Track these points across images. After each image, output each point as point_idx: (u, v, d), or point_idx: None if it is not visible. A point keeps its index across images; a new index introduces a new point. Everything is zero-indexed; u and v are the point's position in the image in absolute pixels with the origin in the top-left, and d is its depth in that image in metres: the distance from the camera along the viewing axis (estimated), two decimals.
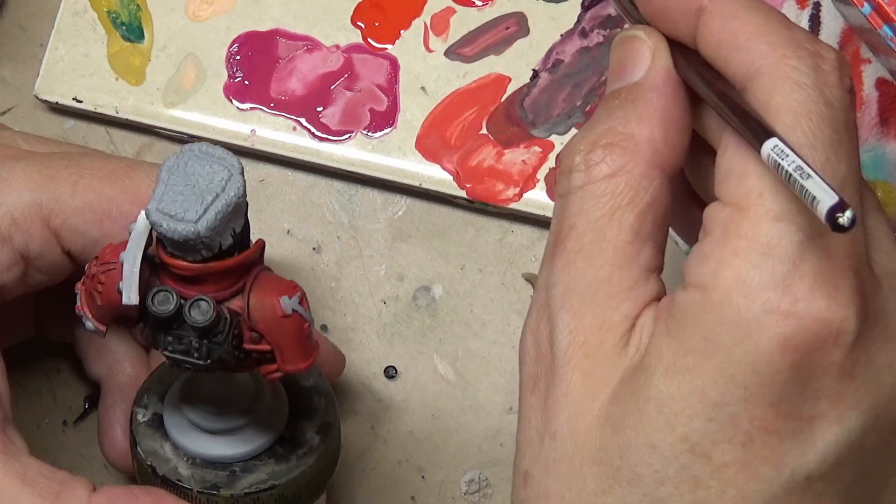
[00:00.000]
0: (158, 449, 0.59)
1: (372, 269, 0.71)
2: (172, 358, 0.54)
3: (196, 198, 0.53)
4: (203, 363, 0.54)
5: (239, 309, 0.54)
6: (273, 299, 0.54)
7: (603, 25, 0.71)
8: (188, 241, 0.52)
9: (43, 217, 0.60)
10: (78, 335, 0.67)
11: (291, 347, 0.55)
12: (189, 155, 0.54)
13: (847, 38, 0.69)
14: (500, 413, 0.69)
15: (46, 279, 0.62)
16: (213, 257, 0.53)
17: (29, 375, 0.71)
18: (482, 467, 0.69)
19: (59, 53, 0.73)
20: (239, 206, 0.53)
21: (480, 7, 0.72)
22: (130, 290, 0.53)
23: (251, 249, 0.55)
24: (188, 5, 0.73)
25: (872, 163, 0.68)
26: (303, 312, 0.55)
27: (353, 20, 0.72)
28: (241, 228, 0.54)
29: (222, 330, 0.53)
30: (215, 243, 0.53)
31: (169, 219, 0.52)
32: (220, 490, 0.58)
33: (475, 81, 0.71)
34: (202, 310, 0.53)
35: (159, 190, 0.53)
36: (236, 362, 0.55)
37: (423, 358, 0.70)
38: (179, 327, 0.54)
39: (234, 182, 0.53)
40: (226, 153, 0.54)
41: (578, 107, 0.70)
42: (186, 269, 0.53)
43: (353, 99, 0.71)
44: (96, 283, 0.55)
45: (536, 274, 0.70)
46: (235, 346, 0.54)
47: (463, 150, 0.70)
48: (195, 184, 0.53)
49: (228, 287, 0.54)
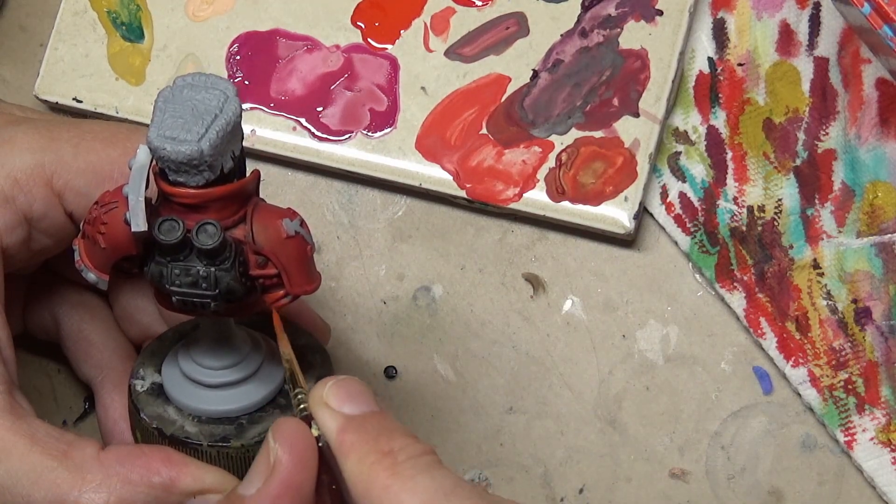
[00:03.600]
0: (162, 412, 0.60)
1: (372, 269, 0.71)
2: (181, 294, 0.55)
3: (195, 119, 0.53)
4: (212, 293, 0.54)
5: (242, 237, 0.55)
6: (276, 222, 0.55)
7: (603, 25, 0.71)
8: (192, 160, 0.53)
9: (45, 178, 0.61)
10: (64, 336, 0.67)
11: (297, 269, 0.56)
12: (182, 84, 0.54)
13: (847, 38, 0.69)
14: (500, 413, 0.70)
15: (50, 243, 0.62)
16: (215, 181, 0.54)
17: (29, 375, 0.71)
18: (482, 467, 0.69)
19: (59, 53, 0.73)
20: (237, 126, 0.54)
21: (480, 7, 0.72)
22: (138, 218, 0.54)
23: (250, 176, 0.55)
24: (188, 5, 0.73)
25: (872, 163, 0.68)
26: (305, 234, 0.56)
27: (353, 20, 0.72)
28: (240, 153, 0.55)
29: (229, 256, 0.54)
30: (217, 164, 0.54)
31: (171, 141, 0.53)
32: (231, 441, 0.58)
33: (475, 81, 0.71)
34: (209, 233, 0.54)
35: (157, 118, 0.53)
36: (244, 291, 0.55)
37: (423, 358, 0.70)
38: (186, 258, 0.54)
39: (231, 103, 0.54)
40: (219, 79, 0.54)
41: (578, 107, 0.70)
42: (189, 195, 0.54)
43: (353, 99, 0.71)
44: (98, 226, 0.55)
45: (537, 274, 0.70)
46: (242, 273, 0.55)
47: (463, 150, 0.70)
48: (193, 108, 0.53)
49: (230, 216, 0.55)
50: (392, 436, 0.53)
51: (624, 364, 0.69)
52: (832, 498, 0.67)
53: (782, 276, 0.68)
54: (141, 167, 0.54)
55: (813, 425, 0.68)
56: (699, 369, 0.69)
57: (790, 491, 0.67)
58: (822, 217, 0.68)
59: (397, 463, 0.51)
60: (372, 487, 0.51)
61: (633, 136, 0.69)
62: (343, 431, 0.53)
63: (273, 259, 0.55)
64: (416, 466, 0.51)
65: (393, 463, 0.51)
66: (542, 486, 0.69)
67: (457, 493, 0.51)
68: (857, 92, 0.69)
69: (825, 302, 0.68)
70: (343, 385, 0.55)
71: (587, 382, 0.69)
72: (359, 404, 0.54)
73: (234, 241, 0.55)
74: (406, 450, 0.52)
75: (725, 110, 0.70)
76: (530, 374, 0.70)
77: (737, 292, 0.68)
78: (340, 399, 0.54)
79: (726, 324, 0.69)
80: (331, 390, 0.54)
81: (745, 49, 0.70)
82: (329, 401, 0.54)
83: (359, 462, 0.52)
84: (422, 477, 0.51)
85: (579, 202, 0.69)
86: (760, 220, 0.69)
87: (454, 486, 0.51)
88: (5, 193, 0.60)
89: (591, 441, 0.69)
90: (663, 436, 0.68)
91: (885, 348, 0.67)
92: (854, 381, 0.67)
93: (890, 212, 0.68)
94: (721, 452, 0.68)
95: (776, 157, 0.69)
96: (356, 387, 0.55)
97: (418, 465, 0.52)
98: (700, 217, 0.69)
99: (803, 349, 0.68)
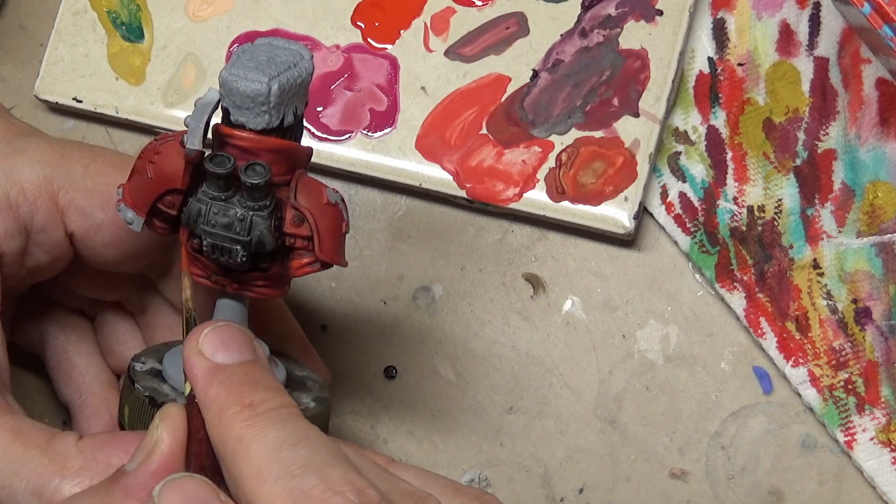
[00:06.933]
0: (157, 387, 0.60)
1: (372, 269, 0.71)
2: (213, 237, 0.56)
3: (269, 65, 0.55)
4: (244, 239, 0.55)
5: (285, 197, 0.56)
6: (320, 188, 0.57)
7: (603, 25, 0.71)
8: (259, 96, 0.55)
9: (51, 192, 0.61)
10: (48, 355, 0.67)
11: (329, 236, 0.57)
12: (262, 42, 0.57)
13: (847, 38, 0.69)
14: (500, 413, 0.69)
15: (45, 261, 0.62)
16: (273, 131, 0.56)
17: (29, 375, 0.71)
18: (482, 467, 0.69)
19: (59, 53, 0.73)
20: (306, 85, 0.56)
21: (480, 7, 0.72)
22: (195, 138, 0.56)
23: (304, 147, 0.57)
24: (188, 5, 0.73)
25: (872, 163, 0.68)
26: (343, 209, 0.57)
27: (353, 20, 0.72)
28: (301, 116, 0.57)
29: (269, 204, 0.55)
30: (279, 112, 0.55)
31: (241, 77, 0.55)
32: None
33: (475, 81, 0.71)
34: (258, 171, 0.55)
35: (233, 61, 0.56)
36: (273, 246, 0.56)
37: (423, 358, 0.70)
38: (228, 199, 0.56)
39: (306, 62, 0.56)
40: (298, 43, 0.57)
41: (578, 107, 0.70)
42: (246, 138, 0.56)
43: (353, 99, 0.71)
44: (151, 156, 0.57)
45: (537, 274, 0.70)
46: (277, 226, 0.56)
47: (463, 150, 0.70)
48: (269, 58, 0.56)
49: (279, 174, 0.56)
50: (255, 388, 0.53)
51: (624, 364, 0.69)
52: (832, 498, 0.67)
53: (782, 276, 0.68)
54: (206, 103, 0.56)
55: (813, 425, 0.68)
56: (699, 369, 0.69)
57: (790, 491, 0.67)
58: (822, 217, 0.68)
59: (255, 415, 0.52)
60: (228, 439, 0.52)
61: (633, 136, 0.69)
62: (208, 384, 0.54)
63: (309, 218, 0.56)
64: (272, 418, 0.52)
65: (251, 415, 0.52)
66: (542, 486, 0.69)
67: (304, 443, 0.52)
68: (857, 92, 0.69)
69: (825, 302, 0.68)
70: (218, 332, 0.55)
71: (587, 382, 0.69)
72: (232, 353, 0.55)
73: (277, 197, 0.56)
74: (266, 402, 0.53)
75: (725, 110, 0.70)
76: (530, 374, 0.70)
77: (737, 292, 0.68)
78: (214, 347, 0.55)
79: (726, 324, 0.69)
80: (206, 338, 0.55)
81: (745, 49, 0.70)
82: (203, 348, 0.55)
83: (219, 414, 0.53)
84: (274, 427, 0.52)
85: (579, 202, 0.69)
86: (760, 220, 0.69)
87: (304, 437, 0.52)
88: (10, 200, 0.60)
89: (591, 441, 0.69)
90: (663, 436, 0.68)
91: (885, 348, 0.67)
92: (854, 381, 0.67)
93: (890, 212, 0.68)
94: (721, 452, 0.68)
95: (776, 157, 0.69)
96: (232, 334, 0.56)
97: (274, 416, 0.53)
98: (700, 217, 0.69)
99: (803, 349, 0.68)
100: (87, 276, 0.65)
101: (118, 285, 0.66)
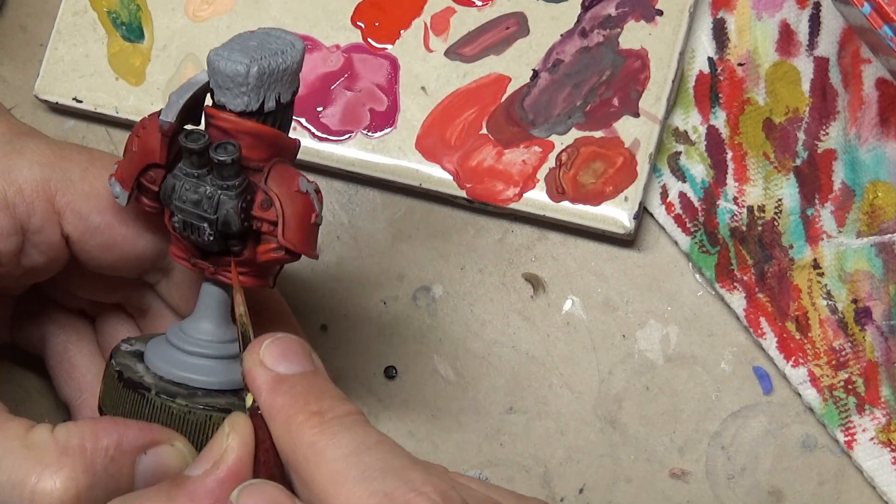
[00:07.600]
0: (131, 365, 0.60)
1: (372, 269, 0.71)
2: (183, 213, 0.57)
3: (254, 50, 0.56)
4: (210, 217, 0.56)
5: (258, 181, 0.57)
6: (293, 176, 0.58)
7: (603, 25, 0.71)
8: (237, 77, 0.56)
9: (49, 194, 0.61)
10: (49, 354, 0.67)
11: (295, 223, 0.57)
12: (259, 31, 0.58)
13: (847, 38, 0.69)
14: (500, 413, 0.69)
15: (41, 262, 0.62)
16: (253, 115, 0.57)
17: (29, 375, 0.71)
18: (482, 467, 0.69)
19: (59, 53, 0.73)
20: (293, 75, 0.57)
21: (480, 7, 0.72)
22: (170, 111, 0.57)
23: (287, 137, 0.58)
24: (188, 5, 0.73)
25: (872, 163, 0.68)
26: (315, 201, 0.58)
27: (353, 20, 0.72)
28: (286, 105, 0.57)
29: (238, 185, 0.56)
30: (259, 95, 0.56)
31: (224, 57, 0.56)
32: (176, 399, 0.59)
33: (475, 81, 0.71)
34: (228, 150, 0.56)
35: (225, 44, 0.57)
36: (239, 227, 0.57)
37: (422, 358, 0.70)
38: (200, 177, 0.57)
39: (294, 52, 0.57)
40: (294, 36, 0.58)
41: (578, 107, 0.70)
42: (225, 119, 0.57)
43: (353, 99, 0.71)
44: (139, 129, 0.58)
45: (537, 274, 0.70)
46: (244, 208, 0.57)
47: (463, 150, 0.70)
48: (259, 44, 0.57)
49: (256, 160, 0.57)
50: (321, 397, 0.54)
51: (624, 364, 0.69)
52: (832, 498, 0.67)
53: (782, 276, 0.68)
54: (194, 82, 0.57)
55: (813, 425, 0.68)
56: (699, 369, 0.69)
57: (790, 491, 0.67)
58: (822, 217, 0.68)
59: (324, 421, 0.53)
60: (299, 445, 0.53)
61: (633, 136, 0.69)
62: (273, 394, 0.54)
63: (275, 203, 0.57)
64: (343, 424, 0.53)
65: (321, 421, 0.53)
66: (542, 486, 0.69)
67: (379, 447, 0.52)
68: (857, 92, 0.69)
69: (825, 302, 0.68)
70: (279, 344, 0.56)
71: (587, 382, 0.69)
72: (293, 363, 0.55)
73: (248, 179, 0.57)
74: (333, 409, 0.53)
75: (725, 110, 0.70)
76: (530, 374, 0.70)
77: (737, 292, 0.68)
78: (275, 358, 0.55)
79: (726, 324, 0.69)
80: (267, 349, 0.56)
81: (745, 49, 0.70)
82: (265, 360, 0.55)
83: (286, 422, 0.53)
84: (346, 433, 0.52)
85: (579, 202, 0.69)
86: (760, 220, 0.69)
87: (377, 442, 0.53)
88: (7, 199, 0.60)
89: (591, 441, 0.69)
90: (663, 436, 0.68)
91: (885, 348, 0.67)
92: (854, 381, 0.67)
93: (890, 212, 0.68)
94: (721, 452, 0.68)
95: (776, 157, 0.69)
96: (292, 345, 0.56)
97: (344, 423, 0.53)
98: (700, 217, 0.69)
99: (803, 349, 0.68)
100: (86, 278, 0.65)
101: (118, 288, 0.66)
